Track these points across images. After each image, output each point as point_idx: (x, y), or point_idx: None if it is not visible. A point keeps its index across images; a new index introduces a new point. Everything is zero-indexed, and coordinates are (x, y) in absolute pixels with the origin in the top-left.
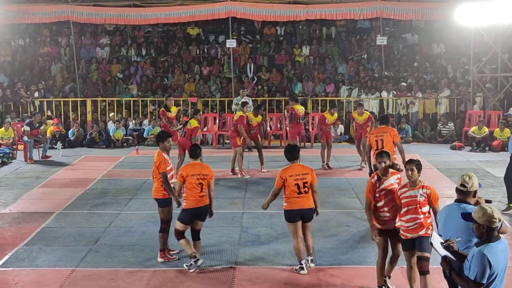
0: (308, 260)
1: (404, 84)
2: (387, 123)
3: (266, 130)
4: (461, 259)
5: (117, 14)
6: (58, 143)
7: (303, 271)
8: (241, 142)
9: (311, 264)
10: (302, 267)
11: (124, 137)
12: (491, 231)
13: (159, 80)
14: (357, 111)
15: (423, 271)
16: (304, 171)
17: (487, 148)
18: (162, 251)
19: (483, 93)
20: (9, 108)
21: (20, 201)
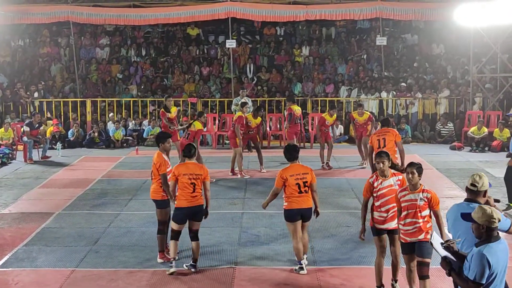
0: (303, 258)
1: (403, 84)
2: (388, 125)
3: (265, 130)
4: (461, 260)
5: (117, 15)
6: (58, 143)
7: (302, 271)
8: (240, 142)
9: (305, 262)
10: (302, 267)
11: (124, 137)
12: (491, 231)
13: (159, 80)
14: (357, 112)
15: (422, 275)
16: (304, 171)
17: (486, 149)
18: (162, 252)
19: (483, 93)
20: (8, 109)
21: (20, 201)
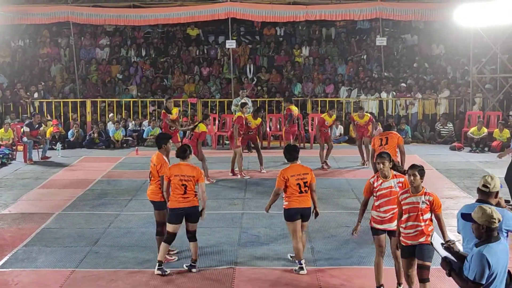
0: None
1: (403, 84)
2: (390, 129)
3: (265, 131)
4: (461, 260)
5: (116, 15)
6: (58, 144)
7: (302, 271)
8: (240, 142)
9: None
10: (302, 267)
11: (124, 138)
12: (491, 231)
13: (158, 80)
14: (358, 114)
15: (423, 279)
16: (304, 171)
17: (486, 149)
18: None
19: (483, 93)
20: (8, 109)
21: (20, 202)
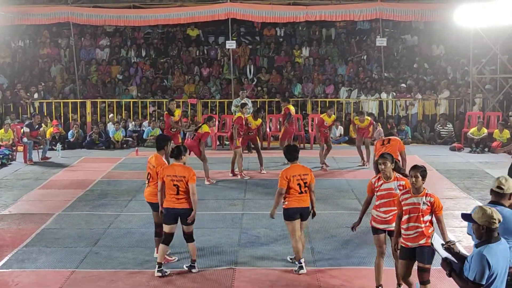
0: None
1: (403, 85)
2: (392, 135)
3: (265, 131)
4: (461, 261)
5: (116, 16)
6: (58, 144)
7: (302, 271)
8: (239, 143)
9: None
10: (302, 266)
11: (124, 138)
12: (491, 232)
13: (159, 81)
14: (358, 118)
15: (423, 281)
16: (305, 172)
17: (486, 149)
18: None
19: (483, 94)
20: (8, 110)
21: (20, 202)
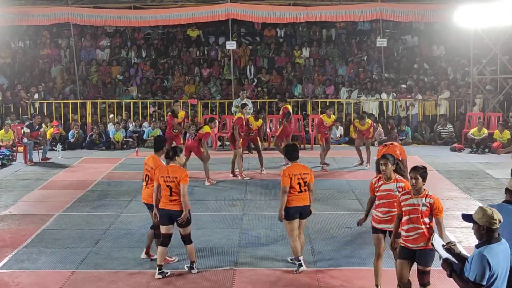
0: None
1: (404, 86)
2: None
3: (266, 132)
4: (462, 262)
5: (117, 16)
6: (58, 145)
7: (302, 268)
8: (240, 144)
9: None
10: (301, 264)
11: (124, 139)
12: (491, 232)
13: (159, 82)
14: (359, 122)
15: (424, 283)
16: (305, 171)
17: (486, 150)
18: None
19: (483, 94)
20: (9, 110)
21: (20, 203)
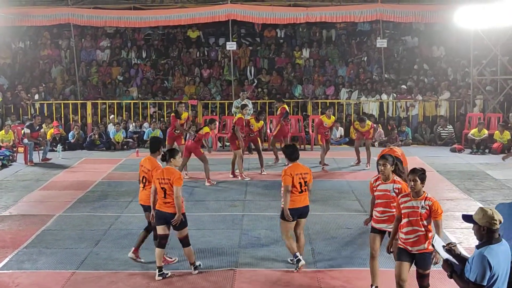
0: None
1: (404, 86)
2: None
3: (266, 132)
4: (463, 262)
5: (117, 17)
6: (58, 145)
7: (301, 263)
8: (242, 144)
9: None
10: (299, 259)
11: (124, 139)
12: (492, 233)
13: (159, 82)
14: (359, 124)
15: (424, 285)
16: (305, 171)
17: (487, 151)
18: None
19: (483, 95)
20: (9, 111)
21: (20, 203)
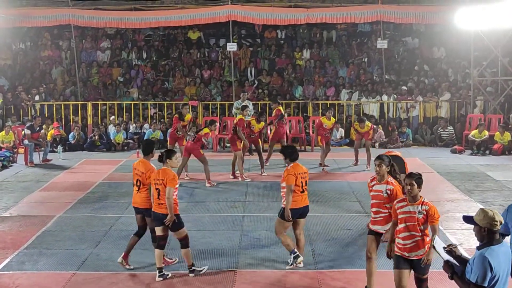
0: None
1: (404, 87)
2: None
3: (266, 133)
4: (463, 264)
5: (117, 18)
6: (59, 146)
7: (300, 258)
8: (241, 145)
9: (302, 264)
10: (297, 255)
11: (125, 140)
12: (493, 234)
13: (159, 83)
14: (359, 125)
15: None
16: (305, 171)
17: (487, 152)
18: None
19: (484, 96)
20: (9, 112)
21: (21, 204)
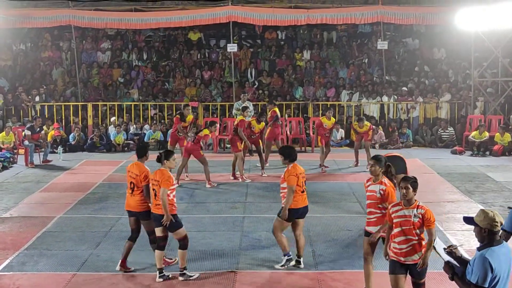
0: (300, 262)
1: (405, 88)
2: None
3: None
4: (464, 265)
5: (118, 19)
6: (59, 147)
7: (292, 262)
8: (242, 146)
9: (302, 265)
10: (290, 259)
11: (125, 141)
12: (493, 235)
13: (160, 84)
14: (358, 124)
15: None
16: (303, 171)
17: (487, 153)
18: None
19: (484, 97)
20: (10, 113)
21: (21, 205)
